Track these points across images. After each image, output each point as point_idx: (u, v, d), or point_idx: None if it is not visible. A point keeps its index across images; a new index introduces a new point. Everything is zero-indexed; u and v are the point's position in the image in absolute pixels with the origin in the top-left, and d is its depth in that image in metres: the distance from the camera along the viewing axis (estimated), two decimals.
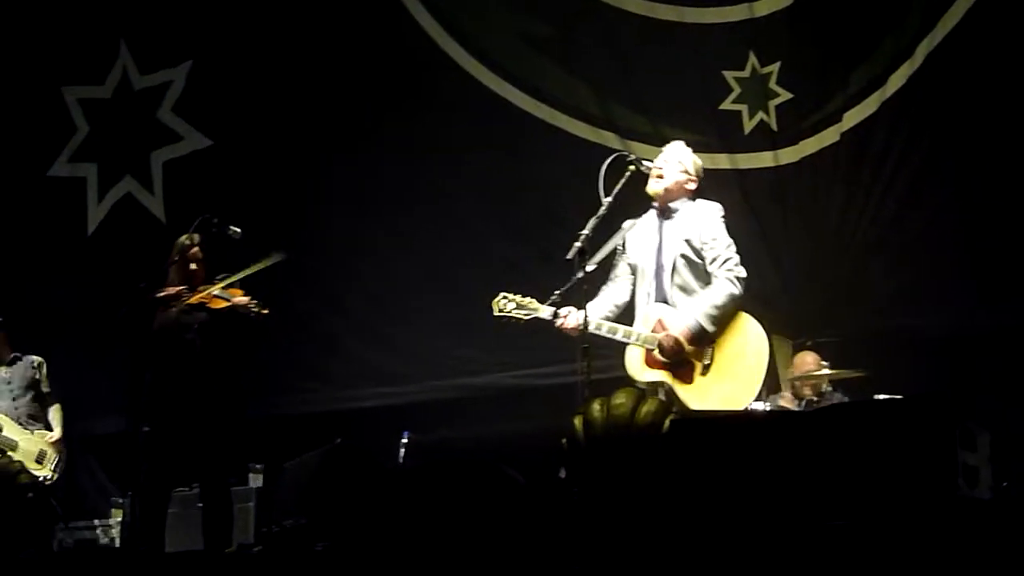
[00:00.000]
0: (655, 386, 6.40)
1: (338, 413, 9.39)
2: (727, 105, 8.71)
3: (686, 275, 6.50)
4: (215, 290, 7.46)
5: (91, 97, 10.61)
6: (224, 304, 7.44)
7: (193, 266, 7.58)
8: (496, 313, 6.59)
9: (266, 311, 7.44)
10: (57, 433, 8.81)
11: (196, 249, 7.61)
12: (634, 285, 6.69)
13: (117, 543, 9.09)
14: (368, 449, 7.79)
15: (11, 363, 8.90)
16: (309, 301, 9.57)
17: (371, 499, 5.05)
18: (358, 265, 9.63)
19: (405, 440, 8.47)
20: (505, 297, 6.58)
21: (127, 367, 7.57)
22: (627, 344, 6.46)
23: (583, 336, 6.21)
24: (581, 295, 6.31)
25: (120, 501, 9.34)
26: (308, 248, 9.60)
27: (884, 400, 6.37)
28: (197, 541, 7.64)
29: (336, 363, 9.69)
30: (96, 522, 9.43)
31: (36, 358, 8.96)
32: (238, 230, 7.75)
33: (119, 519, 9.29)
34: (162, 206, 10.39)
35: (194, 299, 7.47)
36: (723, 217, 6.60)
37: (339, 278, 9.69)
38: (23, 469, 8.31)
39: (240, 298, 7.43)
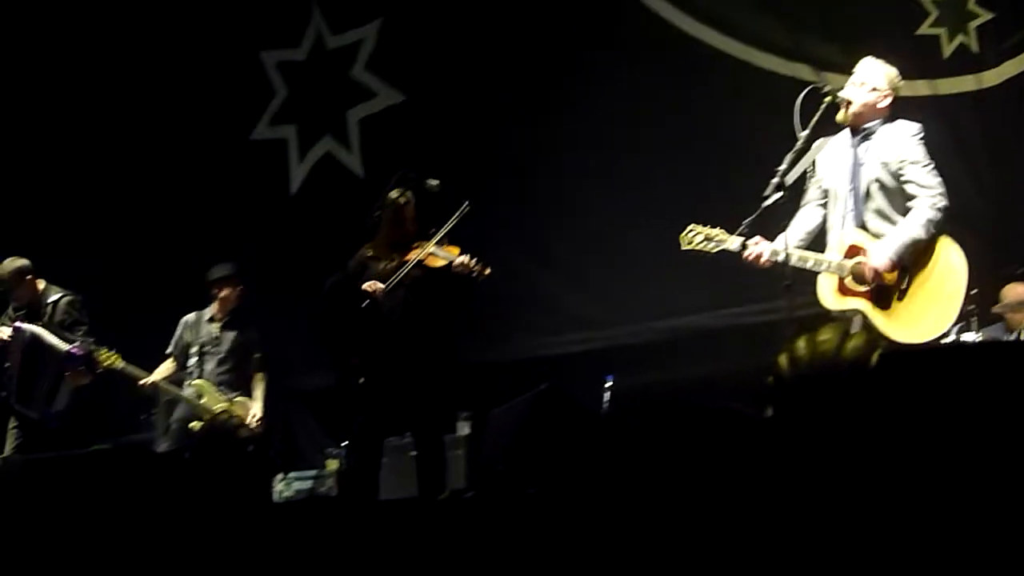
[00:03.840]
0: (849, 315, 6.28)
1: (542, 359, 9.46)
2: (924, 30, 8.48)
3: (881, 200, 6.30)
4: (432, 247, 7.54)
5: (288, 60, 10.86)
6: (442, 262, 7.52)
7: (407, 224, 7.69)
8: (684, 246, 6.52)
9: (488, 270, 7.49)
10: (258, 408, 8.88)
11: (411, 206, 7.70)
12: (826, 210, 6.56)
13: (334, 492, 9.33)
14: (574, 394, 7.85)
15: (226, 325, 9.02)
16: (511, 249, 9.63)
17: (580, 444, 5.09)
18: (557, 212, 9.66)
19: (609, 384, 8.50)
20: (693, 230, 6.49)
21: (337, 322, 7.75)
22: (819, 273, 6.35)
23: (785, 273, 6.12)
24: (771, 225, 6.23)
25: (335, 452, 9.58)
26: (507, 197, 9.67)
27: None
28: (411, 488, 7.82)
29: (539, 309, 9.77)
30: (313, 473, 9.67)
31: (253, 332, 9.07)
32: (436, 182, 7.84)
33: (335, 469, 9.53)
34: (360, 163, 10.60)
35: (411, 256, 7.57)
36: (922, 138, 6.40)
37: (539, 225, 9.75)
38: (242, 424, 8.58)
39: (460, 257, 7.48)
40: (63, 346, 8.78)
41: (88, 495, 4.09)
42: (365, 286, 7.53)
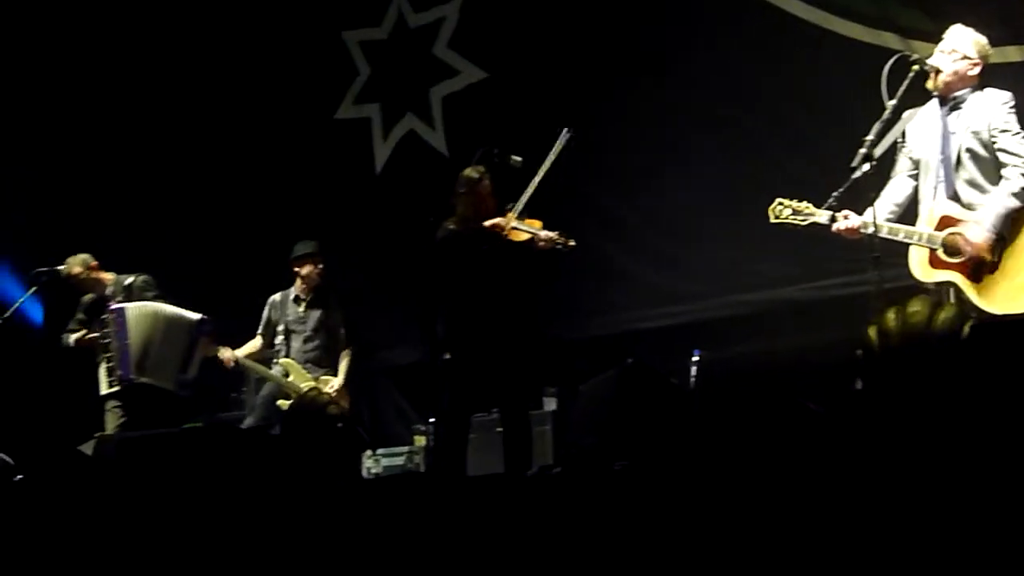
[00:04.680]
0: (942, 287, 6.22)
1: (627, 334, 9.42)
2: None
3: (973, 169, 6.24)
4: (515, 221, 7.54)
5: (370, 39, 10.91)
6: (525, 236, 7.52)
7: (486, 199, 7.71)
8: (772, 220, 6.49)
9: (572, 243, 7.49)
10: (339, 382, 8.89)
11: (487, 182, 7.72)
12: (916, 181, 6.49)
13: (422, 468, 9.39)
14: (660, 369, 7.82)
15: (311, 303, 9.05)
16: (598, 225, 9.59)
17: (667, 418, 5.08)
18: (643, 186, 9.61)
19: (696, 358, 8.46)
20: (781, 203, 6.46)
21: (424, 299, 7.79)
22: (909, 245, 6.28)
23: (873, 244, 6.07)
24: (860, 196, 6.17)
25: (423, 428, 9.64)
26: (592, 172, 9.63)
27: None
28: (498, 464, 7.85)
29: (621, 285, 9.72)
30: (401, 449, 9.73)
31: (338, 310, 9.10)
32: (519, 159, 7.85)
33: (422, 445, 9.59)
34: (444, 140, 10.61)
35: (494, 229, 7.57)
36: (1013, 107, 6.31)
37: (619, 202, 9.70)
38: (332, 400, 8.63)
39: (543, 231, 7.49)
40: (192, 315, 8.93)
41: (181, 472, 4.15)
42: (489, 223, 7.55)
